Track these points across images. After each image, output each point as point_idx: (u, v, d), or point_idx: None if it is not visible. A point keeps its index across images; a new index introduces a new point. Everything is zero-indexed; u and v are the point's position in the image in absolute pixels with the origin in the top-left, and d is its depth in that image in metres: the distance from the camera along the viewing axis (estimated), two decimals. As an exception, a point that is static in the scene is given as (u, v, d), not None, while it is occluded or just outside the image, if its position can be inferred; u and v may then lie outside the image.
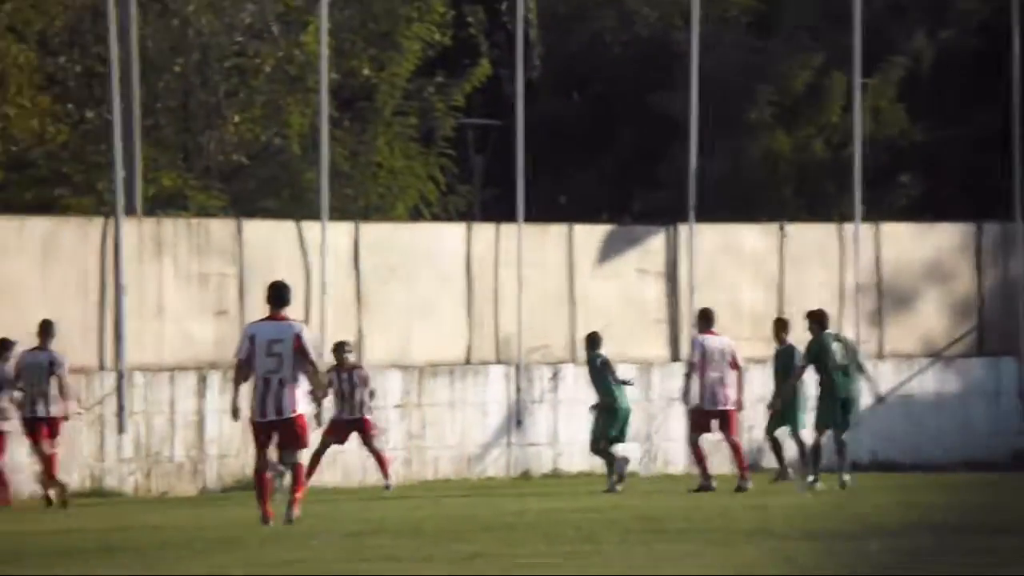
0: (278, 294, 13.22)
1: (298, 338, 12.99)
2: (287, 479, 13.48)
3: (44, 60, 23.07)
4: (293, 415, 12.98)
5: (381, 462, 18.88)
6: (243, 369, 13.09)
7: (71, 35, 23.55)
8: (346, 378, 18.55)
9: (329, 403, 18.39)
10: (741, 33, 26.37)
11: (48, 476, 17.44)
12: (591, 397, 20.75)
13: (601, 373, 18.25)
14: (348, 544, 11.32)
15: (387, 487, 18.75)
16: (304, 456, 13.48)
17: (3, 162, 22.63)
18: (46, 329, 17.65)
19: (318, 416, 17.97)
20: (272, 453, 13.09)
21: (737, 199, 24.86)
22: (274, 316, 13.20)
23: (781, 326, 19.38)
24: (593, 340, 18.46)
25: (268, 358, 12.92)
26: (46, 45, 23.28)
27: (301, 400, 13.06)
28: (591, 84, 27.33)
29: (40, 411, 17.33)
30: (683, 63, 23.01)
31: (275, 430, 13.04)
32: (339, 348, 18.75)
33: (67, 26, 23.43)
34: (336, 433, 18.63)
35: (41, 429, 17.36)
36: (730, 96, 24.65)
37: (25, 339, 18.62)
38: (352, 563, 10.23)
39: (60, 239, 19.58)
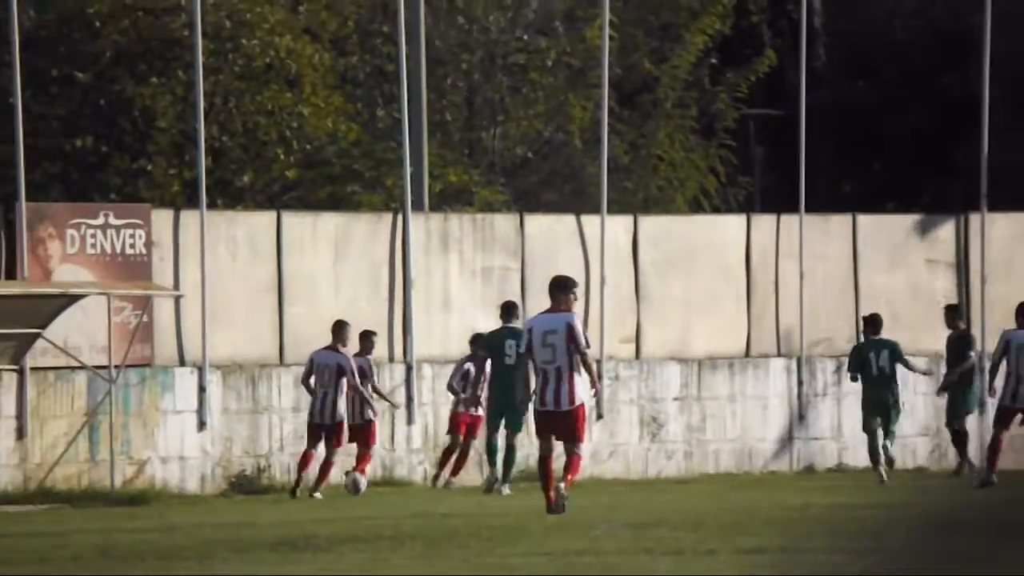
0: (556, 286, 13.46)
1: (569, 327, 13.17)
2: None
3: (337, 60, 23.81)
4: (570, 407, 13.18)
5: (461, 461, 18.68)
6: (523, 361, 13.40)
7: (362, 35, 24.25)
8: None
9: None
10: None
11: (318, 478, 17.98)
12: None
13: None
14: (629, 535, 11.40)
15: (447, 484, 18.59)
16: (583, 448, 13.68)
17: (299, 160, 23.49)
18: (338, 330, 18.09)
19: (597, 405, 18.10)
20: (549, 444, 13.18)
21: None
22: (553, 308, 13.36)
23: (953, 312, 18.95)
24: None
25: (543, 349, 13.17)
26: (339, 45, 24.02)
27: (580, 390, 13.21)
28: (879, 69, 26.75)
29: (326, 417, 17.88)
30: (979, 45, 22.34)
31: (553, 420, 13.25)
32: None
33: (359, 26, 24.13)
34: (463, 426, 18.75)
35: (322, 432, 17.89)
36: None
37: (321, 333, 19.31)
38: (634, 555, 10.31)
39: (351, 234, 20.21)
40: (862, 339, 18.91)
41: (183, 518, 15.11)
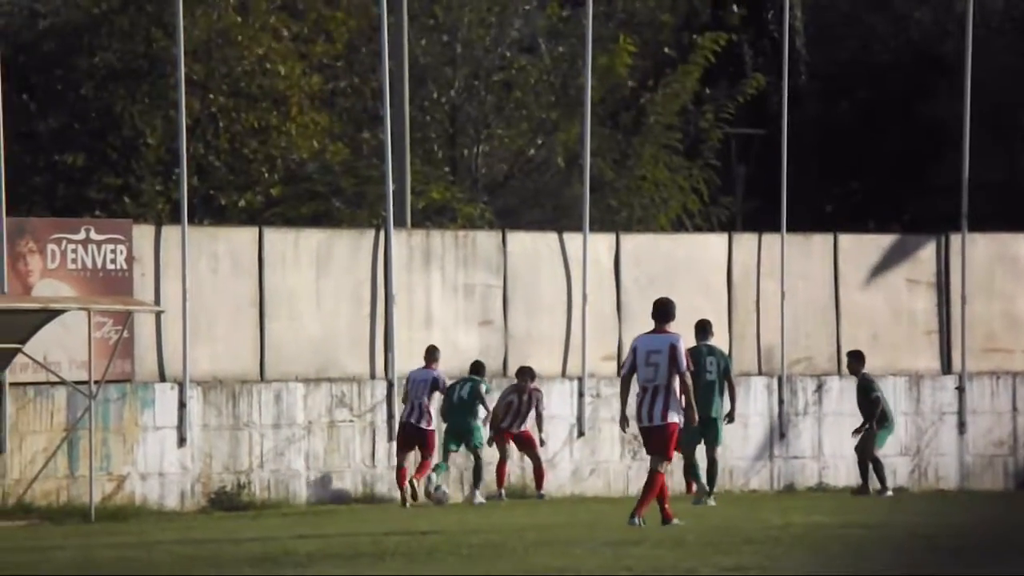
0: (662, 310, 14.03)
1: (673, 348, 13.73)
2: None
3: (325, 81, 23.86)
4: (663, 423, 13.66)
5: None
6: (627, 380, 14.01)
7: (349, 55, 24.30)
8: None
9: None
10: (1013, 38, 25.59)
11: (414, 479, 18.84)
12: (856, 410, 20.43)
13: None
14: (610, 553, 11.39)
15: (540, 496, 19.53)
16: (668, 466, 13.98)
17: (282, 177, 23.48)
18: (430, 353, 19.11)
19: (579, 423, 18.41)
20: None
21: (1012, 208, 24.12)
22: (657, 330, 13.95)
23: (854, 359, 19.50)
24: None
25: (647, 368, 13.76)
26: (327, 68, 24.07)
27: (674, 409, 13.69)
28: (859, 91, 26.89)
29: (417, 421, 18.79)
30: (954, 69, 22.45)
31: (648, 435, 13.84)
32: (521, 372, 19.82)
33: (347, 47, 24.18)
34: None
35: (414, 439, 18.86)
36: (1002, 102, 23.93)
37: (302, 349, 19.25)
38: (614, 572, 10.30)
39: (334, 250, 20.20)
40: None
41: (162, 534, 15.05)
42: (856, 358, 19.72)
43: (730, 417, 17.63)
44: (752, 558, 10.91)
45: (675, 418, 13.69)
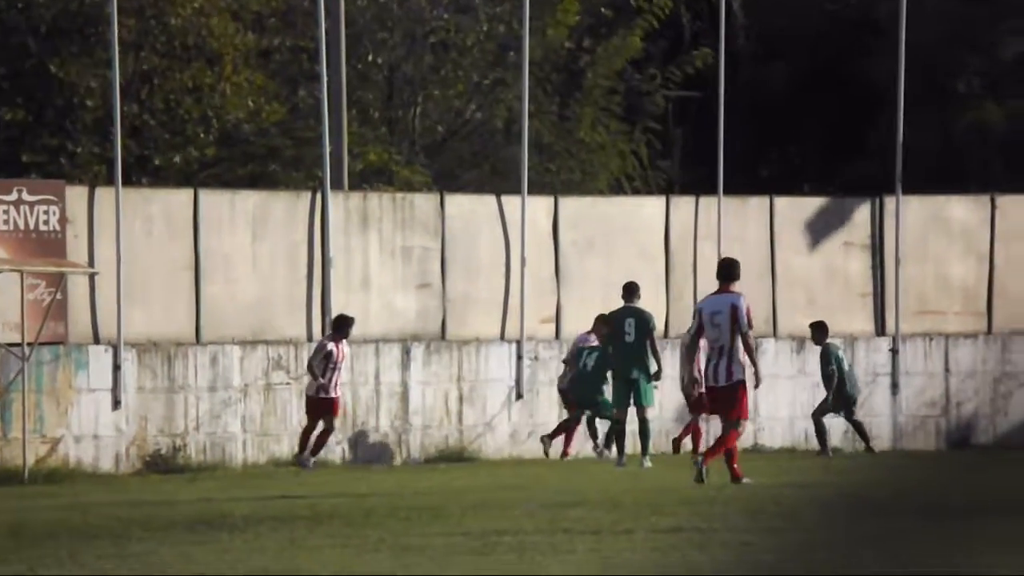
0: (725, 270, 14.34)
1: (734, 308, 13.95)
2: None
3: (260, 39, 23.63)
4: (728, 382, 13.92)
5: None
6: (693, 343, 14.62)
7: (284, 13, 24.07)
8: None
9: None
10: (946, 1, 25.74)
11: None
12: (792, 372, 20.62)
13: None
14: (548, 515, 11.44)
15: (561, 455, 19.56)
16: (743, 424, 14.27)
17: (217, 139, 23.27)
18: (335, 323, 18.94)
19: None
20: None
21: (945, 171, 24.32)
22: (721, 290, 14.17)
23: (816, 329, 19.82)
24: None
25: (712, 328, 14.01)
26: (261, 24, 23.84)
27: (741, 369, 13.97)
28: (795, 55, 26.98)
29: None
30: (888, 33, 22.56)
31: (715, 395, 14.10)
32: None
33: (282, 5, 23.96)
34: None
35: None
36: (937, 66, 24.09)
37: (238, 312, 19.14)
38: (552, 534, 10.35)
39: (270, 213, 20.07)
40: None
41: (97, 497, 14.96)
42: (818, 328, 20.03)
43: (656, 376, 17.77)
44: (689, 519, 10.99)
45: (741, 375, 13.92)
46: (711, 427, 19.02)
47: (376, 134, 24.24)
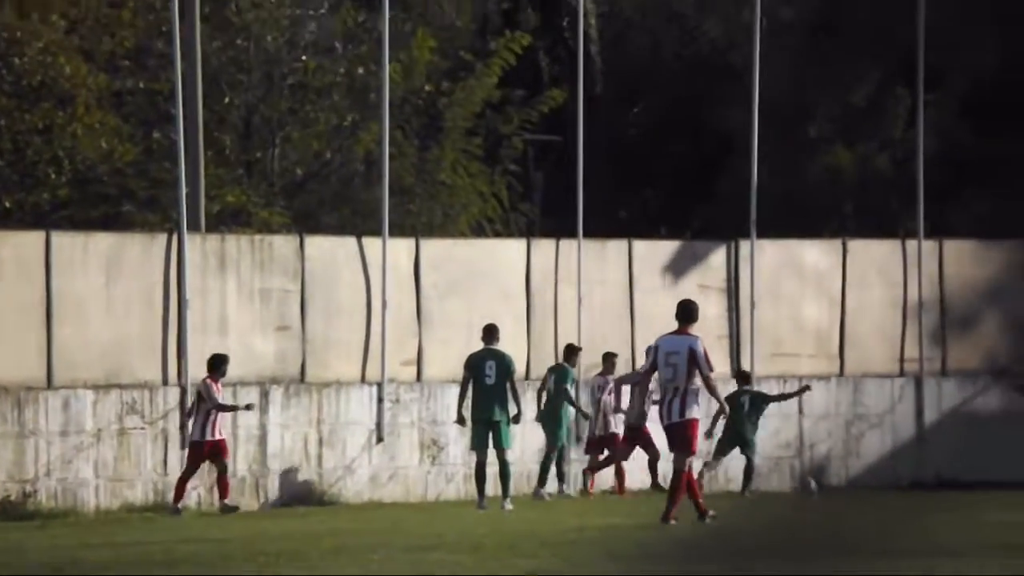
0: (684, 311, 14.46)
1: (692, 351, 14.13)
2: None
3: (112, 80, 23.35)
4: (681, 419, 14.06)
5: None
6: (646, 377, 14.68)
7: (138, 54, 23.83)
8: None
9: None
10: (799, 49, 26.28)
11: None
12: (652, 414, 20.83)
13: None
14: (408, 559, 11.34)
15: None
16: (691, 461, 14.38)
17: (70, 180, 22.90)
18: (211, 363, 18.73)
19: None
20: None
21: (798, 215, 24.74)
22: (680, 331, 14.28)
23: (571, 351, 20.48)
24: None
25: (666, 368, 14.14)
26: (115, 65, 23.57)
27: (694, 407, 14.10)
28: (652, 99, 27.32)
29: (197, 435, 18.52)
30: (742, 78, 22.95)
31: (670, 431, 14.20)
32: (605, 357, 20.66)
33: (135, 46, 23.72)
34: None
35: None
36: (788, 111, 24.56)
37: (92, 355, 18.76)
38: (412, 578, 10.25)
39: (125, 255, 19.77)
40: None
41: (-56, 547, 14.50)
42: (740, 377, 20.66)
43: (515, 419, 17.83)
44: (550, 561, 10.98)
45: (695, 414, 14.06)
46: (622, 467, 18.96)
47: (234, 176, 24.04)
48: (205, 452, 18.57)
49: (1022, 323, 22.97)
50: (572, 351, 20.48)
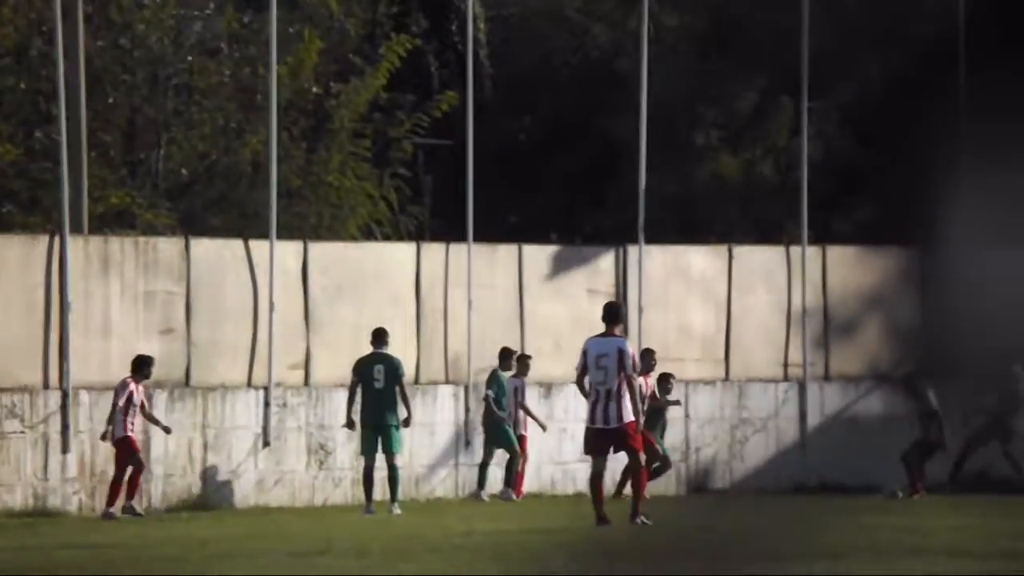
0: (610, 313, 14.44)
1: (620, 352, 14.04)
2: None
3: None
4: (619, 424, 14.09)
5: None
6: (580, 380, 14.34)
7: (18, 53, 23.43)
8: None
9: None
10: (687, 56, 26.52)
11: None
12: (543, 418, 20.91)
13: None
14: (294, 564, 11.25)
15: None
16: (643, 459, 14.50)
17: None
18: (136, 364, 18.60)
19: (264, 433, 18.35)
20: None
21: (685, 221, 24.96)
22: (607, 333, 14.27)
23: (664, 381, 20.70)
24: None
25: (597, 371, 14.15)
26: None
27: (629, 408, 14.15)
28: (541, 105, 27.41)
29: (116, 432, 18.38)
30: (630, 86, 23.11)
31: (605, 436, 14.16)
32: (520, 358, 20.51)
33: (15, 45, 23.32)
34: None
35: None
36: (676, 119, 24.77)
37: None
38: (299, 583, 10.16)
39: (5, 256, 19.42)
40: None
41: None
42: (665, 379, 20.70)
43: (406, 423, 17.81)
44: (436, 565, 10.95)
45: (631, 417, 14.13)
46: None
47: (117, 177, 23.71)
48: (134, 446, 18.30)
49: (903, 329, 23.37)
50: (505, 355, 20.46)
